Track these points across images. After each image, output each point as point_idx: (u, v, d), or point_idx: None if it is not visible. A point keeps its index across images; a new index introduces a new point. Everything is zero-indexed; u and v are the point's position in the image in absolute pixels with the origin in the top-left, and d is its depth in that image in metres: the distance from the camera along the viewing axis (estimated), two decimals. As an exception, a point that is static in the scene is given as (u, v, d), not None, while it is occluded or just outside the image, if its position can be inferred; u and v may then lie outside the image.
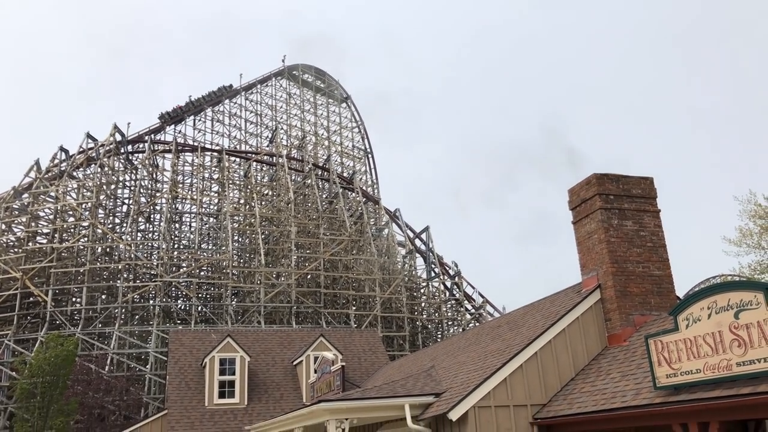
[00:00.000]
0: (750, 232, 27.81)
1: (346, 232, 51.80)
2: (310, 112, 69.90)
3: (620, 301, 11.57)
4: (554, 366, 11.41)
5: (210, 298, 53.20)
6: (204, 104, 62.44)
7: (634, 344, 11.00)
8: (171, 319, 47.98)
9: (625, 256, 11.83)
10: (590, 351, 11.72)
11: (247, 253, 55.72)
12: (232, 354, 22.84)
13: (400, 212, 61.38)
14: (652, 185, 12.57)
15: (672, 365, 8.63)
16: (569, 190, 12.96)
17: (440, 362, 15.56)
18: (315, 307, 48.44)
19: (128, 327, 44.47)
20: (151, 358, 41.79)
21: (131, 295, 45.33)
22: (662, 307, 11.61)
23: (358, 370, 24.68)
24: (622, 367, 10.49)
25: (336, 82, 73.05)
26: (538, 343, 11.44)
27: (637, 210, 12.23)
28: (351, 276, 51.32)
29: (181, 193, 55.61)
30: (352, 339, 27.31)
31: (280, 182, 55.81)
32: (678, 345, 8.59)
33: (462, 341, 16.86)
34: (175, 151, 55.58)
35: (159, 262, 46.92)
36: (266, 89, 67.80)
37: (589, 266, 12.29)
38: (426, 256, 58.30)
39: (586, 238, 12.35)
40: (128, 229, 49.61)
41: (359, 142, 73.06)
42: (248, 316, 46.93)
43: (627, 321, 11.49)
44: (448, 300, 58.10)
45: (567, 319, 11.76)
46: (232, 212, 52.07)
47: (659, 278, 11.91)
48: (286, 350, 25.90)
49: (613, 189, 12.20)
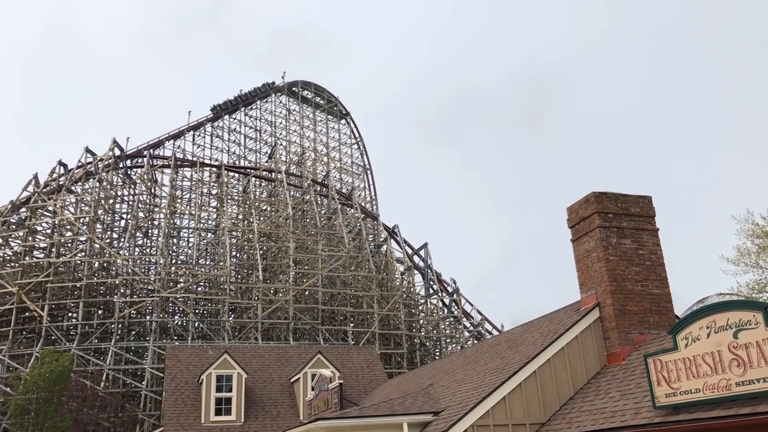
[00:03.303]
0: (748, 251, 27.86)
1: (345, 248, 51.77)
2: (310, 128, 70.20)
3: (619, 319, 11.57)
4: (553, 385, 11.38)
5: (207, 314, 52.98)
6: (255, 97, 66.20)
7: (633, 363, 10.99)
8: (168, 334, 47.74)
9: (623, 275, 11.86)
10: (589, 370, 11.70)
11: (244, 268, 55.58)
12: (229, 371, 22.73)
13: (399, 229, 61.48)
14: (651, 204, 12.64)
15: (671, 384, 8.62)
16: (568, 208, 13.03)
17: (438, 380, 15.50)
18: (313, 324, 48.27)
19: (124, 342, 44.22)
20: (148, 374, 41.51)
21: (128, 311, 45.14)
22: (661, 325, 11.62)
23: (356, 388, 24.54)
24: (621, 386, 10.47)
25: (335, 99, 73.46)
26: (537, 362, 11.42)
27: (635, 228, 12.29)
28: (349, 292, 51.19)
29: (179, 208, 55.62)
30: (349, 356, 27.19)
31: (278, 198, 55.87)
32: (677, 364, 8.59)
33: (460, 359, 16.80)
34: (174, 166, 55.69)
35: (156, 278, 46.80)
36: (266, 105, 68.20)
37: (588, 284, 12.31)
38: (424, 273, 58.23)
39: (585, 256, 12.38)
40: (126, 244, 49.52)
41: (358, 158, 73.35)
42: (245, 332, 46.71)
43: (626, 339, 11.49)
44: (447, 317, 57.93)
45: (566, 337, 11.76)
46: (230, 228, 52.05)
47: (658, 297, 11.94)
48: (283, 367, 25.77)
49: (612, 207, 12.27)
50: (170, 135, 60.14)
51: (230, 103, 64.70)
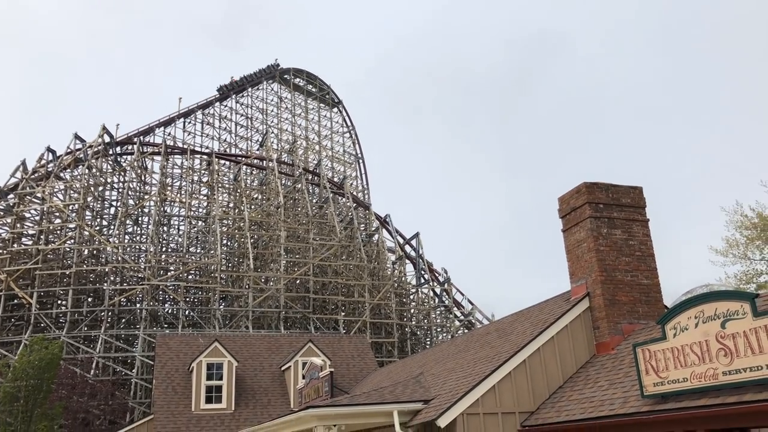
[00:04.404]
0: (736, 243, 28.12)
1: (336, 237, 51.78)
2: (301, 117, 69.96)
3: (609, 309, 11.67)
4: (543, 374, 11.48)
5: (198, 302, 52.93)
6: (262, 77, 66.64)
7: (622, 353, 11.10)
8: (158, 323, 47.66)
9: (613, 265, 11.95)
10: (578, 359, 11.81)
11: (235, 257, 55.53)
12: (220, 359, 22.77)
13: (391, 218, 61.53)
14: (642, 195, 12.73)
15: (659, 374, 8.72)
16: (559, 198, 13.09)
17: (429, 369, 15.60)
18: (304, 313, 48.34)
19: (114, 330, 44.13)
20: (138, 362, 41.48)
21: (118, 299, 45.03)
22: (650, 315, 11.73)
23: (347, 376, 24.66)
24: (610, 375, 10.58)
25: (327, 87, 73.17)
26: (527, 351, 11.52)
27: (626, 219, 12.37)
28: (340, 281, 51.26)
29: (169, 196, 55.36)
30: (340, 345, 27.29)
31: (269, 186, 55.73)
32: (665, 354, 8.69)
33: (451, 348, 16.90)
34: (165, 154, 55.36)
35: (146, 265, 46.65)
36: (257, 93, 67.82)
37: (578, 274, 12.40)
38: (416, 263, 58.37)
39: (576, 246, 12.46)
40: (116, 231, 49.26)
41: (350, 147, 73.22)
42: (236, 320, 46.72)
43: (615, 329, 11.60)
44: (438, 307, 58.15)
45: (556, 327, 11.85)
46: (221, 216, 51.91)
47: (647, 287, 12.04)
48: (274, 355, 25.84)
49: (603, 198, 12.34)
50: (161, 122, 59.77)
51: (236, 84, 64.59)
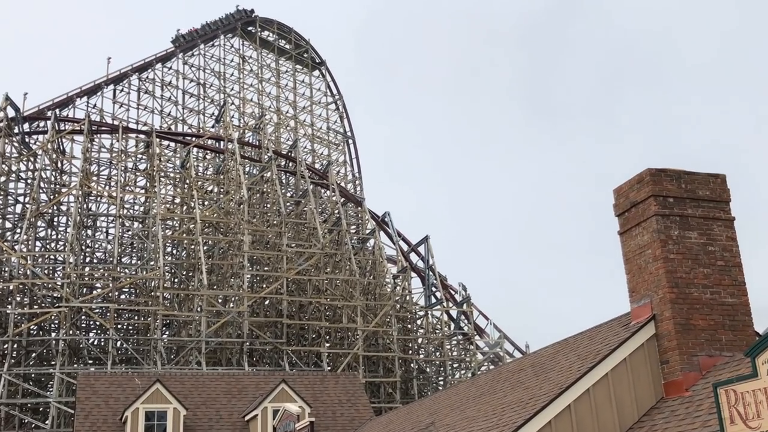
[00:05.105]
0: None
1: (318, 244, 51.83)
2: (271, 82, 70.01)
3: (681, 337, 11.68)
4: (593, 423, 11.50)
5: (133, 331, 52.98)
6: (218, 30, 67.39)
7: (698, 394, 11.12)
8: (80, 358, 47.70)
9: (688, 278, 11.95)
10: (641, 403, 11.82)
11: (183, 270, 55.56)
12: (163, 405, 22.84)
13: (391, 217, 61.53)
14: (725, 185, 12.69)
15: (749, 423, 8.73)
16: (615, 189, 13.10)
17: (442, 418, 15.65)
18: (275, 344, 48.38)
19: (22, 368, 44.11)
20: (53, 410, 41.47)
21: (26, 326, 45.02)
22: (736, 345, 11.74)
23: (333, 428, 24.79)
24: (684, 425, 10.60)
25: (306, 42, 73.17)
26: (573, 393, 11.53)
27: (704, 217, 12.36)
28: (323, 302, 51.32)
29: (95, 188, 55.41)
30: (324, 386, 27.47)
31: (229, 175, 55.78)
32: (757, 396, 8.69)
33: (471, 390, 16.97)
34: (88, 132, 55.34)
35: (65, 282, 46.65)
36: (212, 50, 67.80)
37: (641, 291, 12.40)
38: (425, 276, 58.47)
39: (637, 253, 12.46)
40: (23, 236, 49.28)
41: (336, 122, 73.25)
42: (185, 354, 46.76)
43: (690, 364, 11.61)
44: (454, 335, 58.28)
45: (610, 360, 11.86)
46: (164, 215, 51.94)
47: (733, 307, 12.05)
48: (235, 401, 26.01)
49: (673, 189, 12.32)
50: (83, 90, 59.81)
51: (196, 33, 64.95)
